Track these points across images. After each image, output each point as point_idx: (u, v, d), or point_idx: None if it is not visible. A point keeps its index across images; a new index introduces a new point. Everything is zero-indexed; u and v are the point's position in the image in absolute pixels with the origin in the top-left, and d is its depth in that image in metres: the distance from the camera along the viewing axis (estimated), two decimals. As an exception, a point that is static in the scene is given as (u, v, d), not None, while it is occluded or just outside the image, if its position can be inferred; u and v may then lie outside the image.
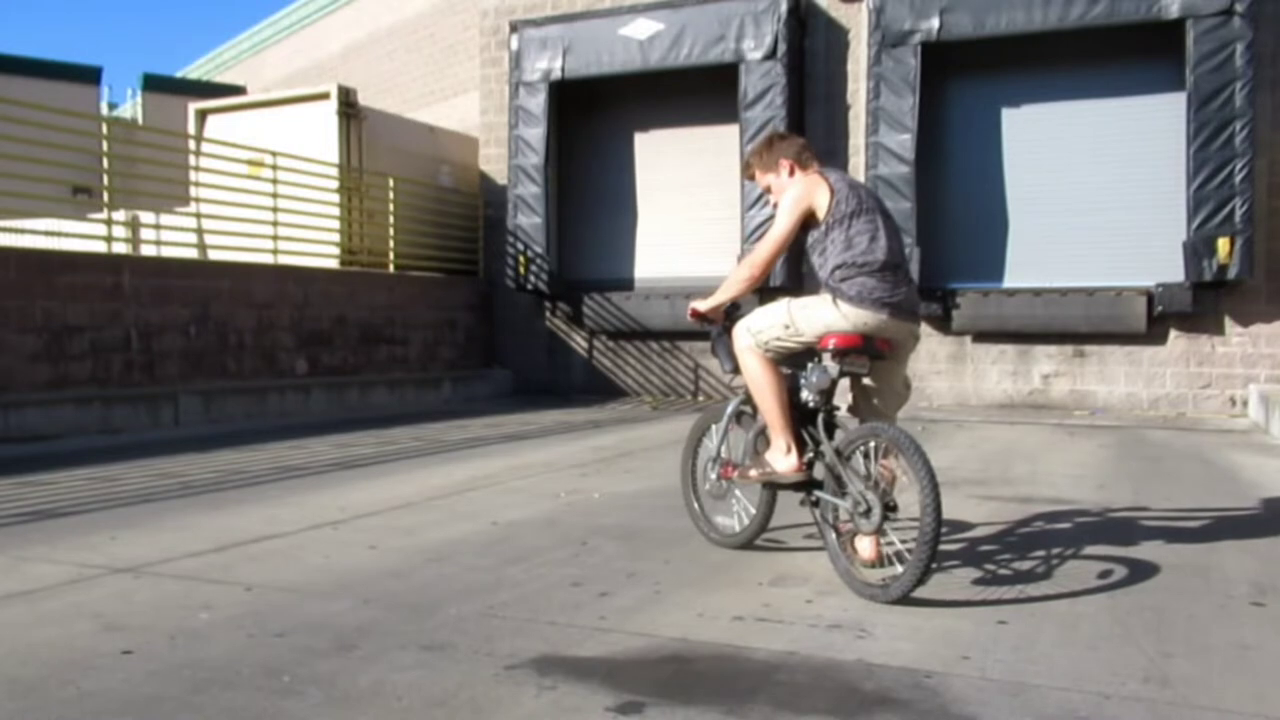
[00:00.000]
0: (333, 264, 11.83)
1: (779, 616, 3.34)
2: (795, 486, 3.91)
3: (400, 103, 18.27)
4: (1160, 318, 10.74)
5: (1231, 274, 10.09)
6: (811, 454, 3.89)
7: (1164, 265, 10.54)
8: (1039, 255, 11.31)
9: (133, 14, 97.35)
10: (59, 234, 10.32)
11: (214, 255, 11.51)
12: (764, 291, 11.90)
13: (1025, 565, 4.08)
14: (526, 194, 12.87)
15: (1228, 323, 10.66)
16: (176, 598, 3.57)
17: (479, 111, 14.34)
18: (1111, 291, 10.83)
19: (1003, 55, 11.31)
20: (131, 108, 21.69)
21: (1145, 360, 10.96)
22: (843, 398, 4.00)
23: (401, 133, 13.55)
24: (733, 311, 4.17)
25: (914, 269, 11.05)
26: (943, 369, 11.75)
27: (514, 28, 13.06)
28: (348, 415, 10.55)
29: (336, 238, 11.91)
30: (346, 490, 5.87)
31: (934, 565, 3.42)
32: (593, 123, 13.41)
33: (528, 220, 12.90)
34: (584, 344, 13.38)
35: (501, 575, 3.90)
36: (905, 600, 3.40)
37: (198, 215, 11.38)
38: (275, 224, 10.98)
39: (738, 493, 4.34)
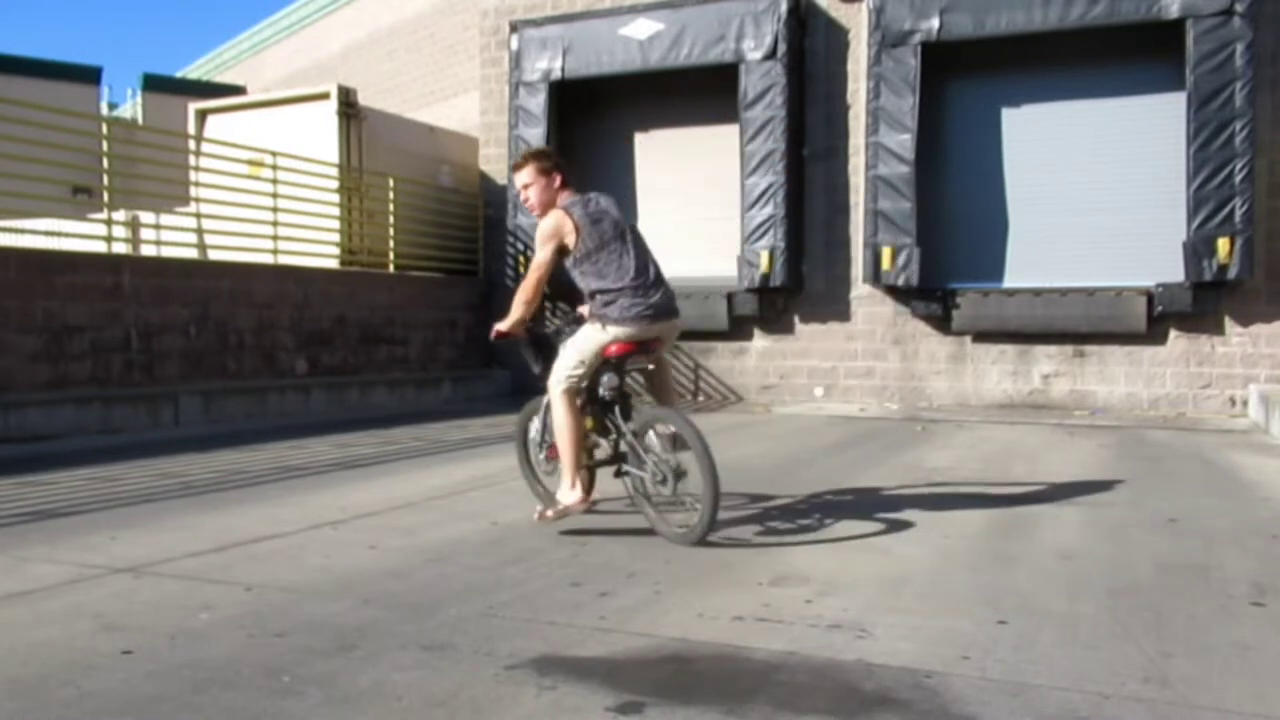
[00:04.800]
0: (333, 264, 11.83)
1: (779, 616, 3.34)
2: (608, 463, 4.72)
3: (400, 103, 18.26)
4: (1160, 318, 10.73)
5: (1231, 274, 10.09)
6: (615, 437, 4.66)
7: (1164, 265, 10.53)
8: (1039, 255, 11.31)
9: (133, 14, 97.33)
10: (59, 234, 10.31)
11: (214, 255, 11.50)
12: (764, 291, 11.93)
13: (1024, 565, 4.08)
14: (527, 194, 12.84)
15: (1228, 323, 10.66)
16: (176, 598, 3.57)
17: (479, 111, 14.34)
18: (1111, 291, 10.83)
19: (1003, 55, 11.31)
20: (131, 108, 21.68)
21: (1145, 360, 10.96)
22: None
23: (401, 133, 13.54)
24: (532, 324, 4.87)
25: (914, 269, 11.08)
26: (943, 369, 11.75)
27: (514, 28, 13.06)
28: (348, 415, 10.55)
29: (336, 238, 11.91)
30: (346, 490, 5.88)
31: (719, 512, 4.28)
32: (593, 123, 13.41)
33: (527, 220, 12.87)
34: (584, 344, 13.35)
35: (501, 575, 3.90)
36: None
37: (198, 215, 11.37)
38: (275, 224, 10.98)
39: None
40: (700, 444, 4.19)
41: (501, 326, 4.75)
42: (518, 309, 4.72)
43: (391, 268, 12.62)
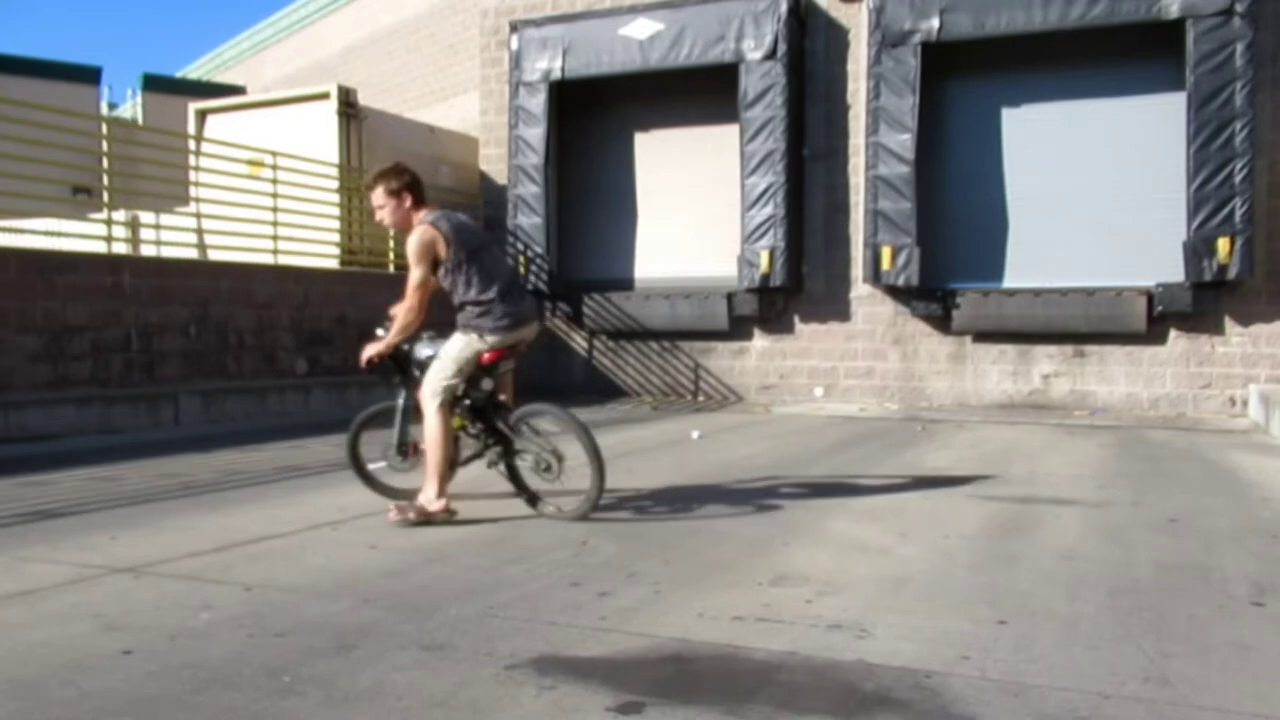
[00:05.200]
0: (333, 264, 11.82)
1: (779, 616, 3.34)
2: (476, 457, 5.08)
3: (400, 103, 18.25)
4: (1160, 318, 10.73)
5: (1231, 274, 10.09)
6: (485, 435, 5.00)
7: (1164, 265, 10.53)
8: (1039, 255, 11.31)
9: (133, 14, 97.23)
10: (59, 234, 10.31)
11: (214, 255, 11.50)
12: (765, 291, 11.94)
13: (1024, 565, 4.08)
14: (526, 194, 12.87)
15: (1228, 323, 10.66)
16: (177, 598, 3.57)
17: (479, 111, 14.34)
18: (1111, 291, 10.83)
19: (1003, 55, 11.31)
20: (131, 108, 21.68)
21: (1145, 360, 10.96)
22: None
23: (401, 133, 13.54)
24: (400, 350, 5.00)
25: (914, 269, 11.08)
26: (943, 369, 11.74)
27: (514, 28, 13.06)
28: (348, 415, 10.46)
29: (336, 238, 11.91)
30: (346, 490, 5.86)
31: (604, 490, 4.80)
32: (593, 123, 13.41)
33: (528, 220, 12.90)
34: (584, 344, 13.38)
35: (501, 575, 3.90)
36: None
37: (198, 215, 11.37)
38: (275, 224, 10.97)
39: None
40: (578, 426, 4.69)
41: (377, 349, 4.87)
42: (399, 331, 4.84)
43: (391, 268, 12.61)
